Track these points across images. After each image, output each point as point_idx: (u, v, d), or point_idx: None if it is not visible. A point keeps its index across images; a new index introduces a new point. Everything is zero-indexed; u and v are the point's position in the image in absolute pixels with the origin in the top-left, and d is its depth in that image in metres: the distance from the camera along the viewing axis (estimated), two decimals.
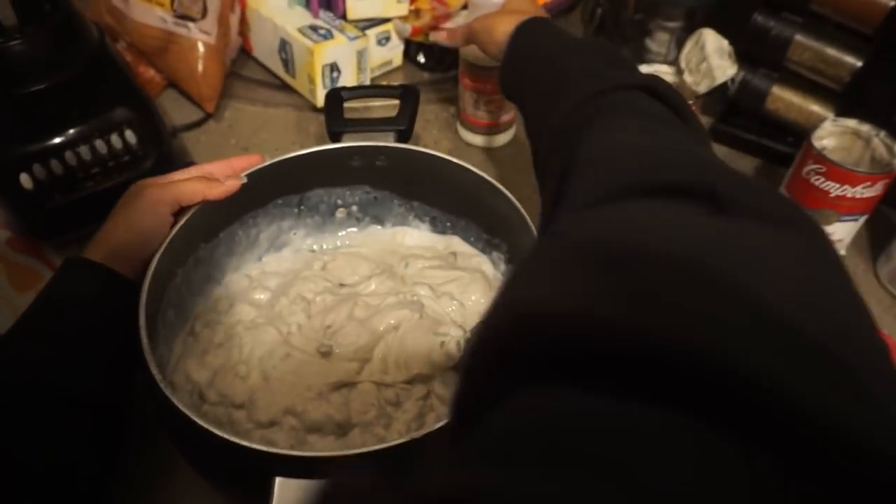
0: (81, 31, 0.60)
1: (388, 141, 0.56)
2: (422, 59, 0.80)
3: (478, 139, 0.72)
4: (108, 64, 0.61)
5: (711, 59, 0.61)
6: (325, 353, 0.49)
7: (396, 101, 0.58)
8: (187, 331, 0.52)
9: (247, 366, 0.48)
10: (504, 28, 0.51)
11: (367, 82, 0.76)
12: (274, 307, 0.53)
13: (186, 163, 0.67)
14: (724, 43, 0.62)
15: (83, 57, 0.59)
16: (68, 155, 0.57)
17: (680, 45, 0.70)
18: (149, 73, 0.75)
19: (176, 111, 0.76)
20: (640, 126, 0.34)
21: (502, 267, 0.57)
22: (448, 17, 0.79)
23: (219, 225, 0.54)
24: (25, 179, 0.56)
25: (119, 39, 0.73)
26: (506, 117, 0.70)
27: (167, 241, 0.47)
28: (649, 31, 0.77)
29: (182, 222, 0.48)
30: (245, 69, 0.81)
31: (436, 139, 0.73)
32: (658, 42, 0.77)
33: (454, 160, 0.53)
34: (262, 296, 0.55)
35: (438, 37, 0.74)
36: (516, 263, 0.28)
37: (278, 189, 0.56)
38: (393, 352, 0.49)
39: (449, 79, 0.80)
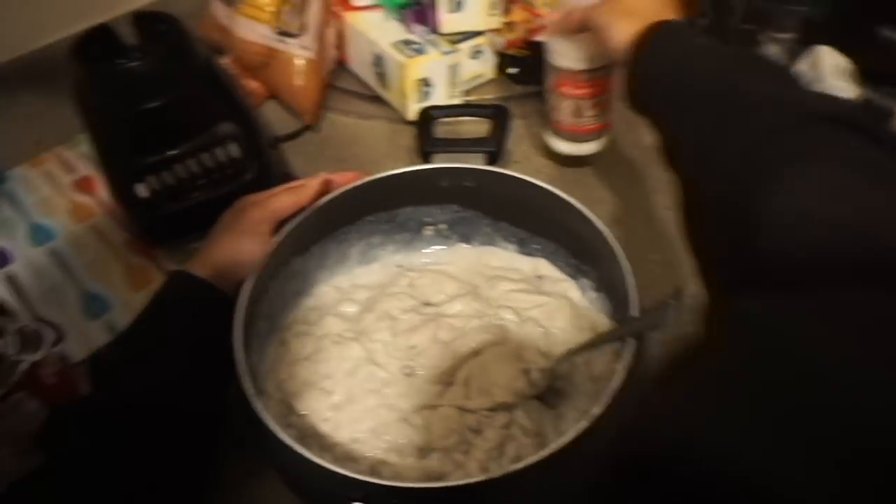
0: (192, 49, 0.64)
1: (478, 160, 0.56)
2: (514, 71, 0.79)
3: (575, 147, 0.69)
4: (216, 80, 0.65)
5: (828, 80, 0.57)
6: (409, 374, 0.50)
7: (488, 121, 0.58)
8: (279, 341, 0.54)
9: (332, 381, 0.49)
10: (624, 30, 0.47)
11: (459, 95, 0.76)
12: (360, 322, 0.54)
13: (283, 173, 0.70)
14: (843, 61, 0.58)
15: (193, 74, 0.63)
16: (178, 167, 0.61)
17: (793, 60, 0.66)
18: (252, 84, 0.78)
19: (277, 122, 0.79)
20: (849, 181, 0.28)
21: (590, 294, 0.55)
22: (544, 28, 0.78)
23: (312, 239, 0.56)
24: (141, 189, 0.60)
25: (225, 54, 0.77)
26: (606, 121, 0.68)
27: (264, 259, 0.49)
28: (758, 42, 0.73)
29: (279, 239, 0.50)
30: (341, 81, 0.83)
31: (526, 154, 0.72)
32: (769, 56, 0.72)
33: (541, 184, 0.52)
34: (350, 309, 0.56)
35: (546, 33, 0.72)
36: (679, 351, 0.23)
37: (369, 206, 0.58)
38: (475, 377, 0.49)
39: (542, 91, 0.79)
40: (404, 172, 0.55)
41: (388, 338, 0.52)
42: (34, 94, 0.72)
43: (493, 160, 0.56)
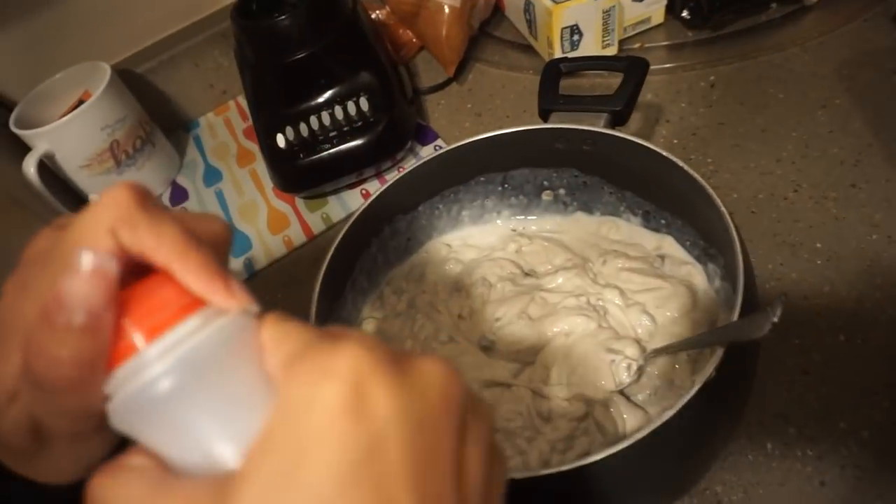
0: (338, 2, 0.65)
1: (601, 121, 0.50)
2: (686, 15, 0.69)
3: None
4: (357, 32, 0.66)
5: None
6: (486, 348, 0.47)
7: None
8: (377, 294, 0.54)
9: (413, 341, 0.49)
10: None
11: (615, 45, 0.68)
12: (456, 285, 0.53)
13: (417, 125, 0.69)
14: None
15: (337, 26, 0.64)
16: (312, 119, 0.64)
17: None
18: (406, 35, 0.78)
19: (426, 73, 0.78)
20: None
21: (717, 283, 0.47)
22: None
23: (419, 198, 0.55)
24: (280, 139, 0.65)
25: (383, 5, 0.78)
26: None
27: (355, 216, 0.49)
28: None
29: (374, 197, 0.50)
30: (498, 29, 0.79)
31: (682, 113, 0.63)
32: None
33: (661, 151, 0.44)
34: (453, 269, 0.55)
35: None
36: None
37: (481, 166, 0.55)
38: (557, 361, 0.45)
39: (719, 38, 0.68)
40: (515, 132, 0.51)
41: (479, 305, 0.50)
42: (223, 48, 0.80)
43: (617, 121, 0.50)
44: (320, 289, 0.45)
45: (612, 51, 0.69)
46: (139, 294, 0.21)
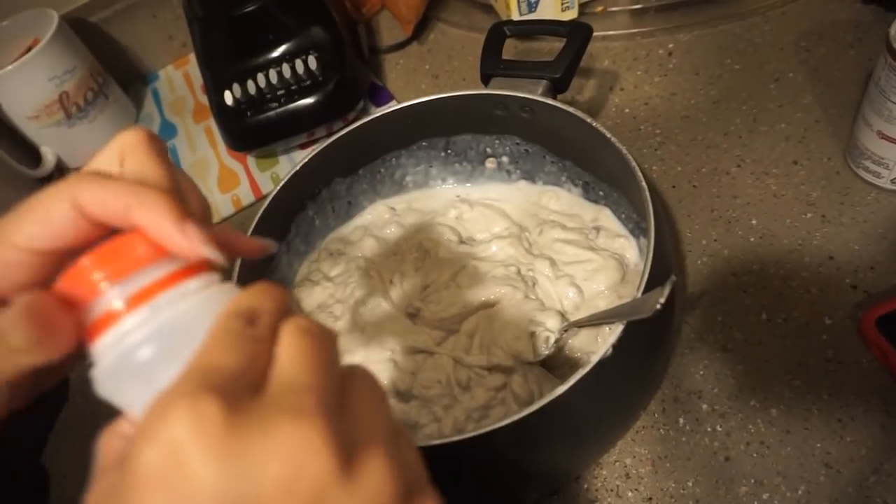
0: None
1: (540, 88, 0.49)
2: None
3: None
4: None
5: None
6: (412, 314, 0.47)
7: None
8: (314, 257, 0.54)
9: (343, 307, 0.49)
10: None
11: (575, 7, 0.66)
12: (393, 250, 0.53)
13: (372, 85, 0.68)
14: None
15: None
16: (260, 76, 0.62)
17: None
18: None
19: (388, 31, 0.77)
20: None
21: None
22: None
23: (358, 161, 0.54)
24: (228, 96, 0.63)
25: None
26: None
27: (284, 180, 0.48)
28: None
29: (305, 160, 0.49)
30: None
31: (637, 81, 0.62)
32: None
33: (594, 125, 0.44)
34: (393, 233, 0.54)
35: None
36: None
37: (424, 130, 0.54)
38: (480, 330, 0.45)
39: (681, 4, 0.66)
40: (453, 96, 0.50)
41: (411, 271, 0.50)
42: None
43: (557, 88, 0.48)
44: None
45: (572, 13, 0.67)
46: (108, 243, 0.21)
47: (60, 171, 0.75)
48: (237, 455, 0.16)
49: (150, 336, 0.19)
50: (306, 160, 0.49)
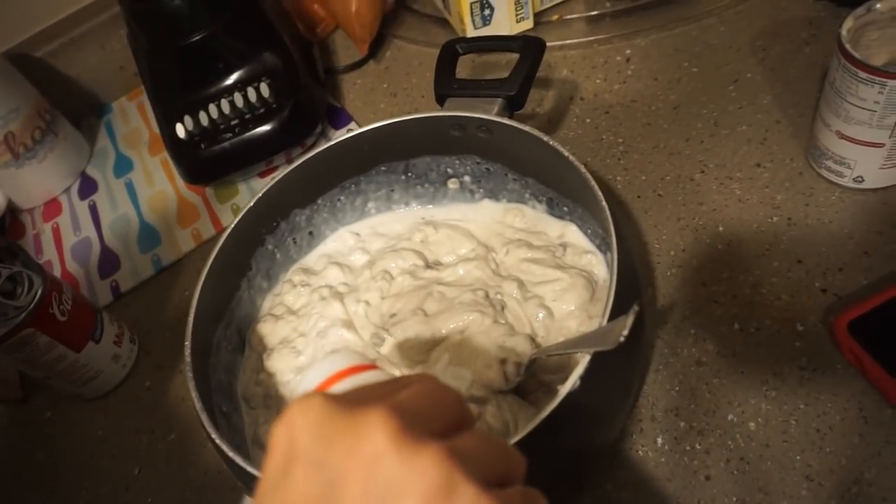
0: None
1: (495, 106, 0.48)
2: None
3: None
4: (257, 11, 0.62)
5: None
6: (377, 345, 0.46)
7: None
8: (277, 290, 0.53)
9: (304, 340, 0.47)
10: None
11: (530, 18, 0.65)
12: (358, 277, 0.51)
13: (329, 107, 0.66)
14: None
15: (234, 4, 0.61)
16: (212, 107, 0.61)
17: None
18: (319, 12, 0.75)
19: (344, 50, 0.75)
20: None
21: None
22: None
23: (316, 190, 0.53)
24: (180, 129, 0.61)
25: None
26: None
27: (239, 217, 0.47)
28: None
29: (260, 194, 0.48)
30: (417, 3, 0.76)
31: (597, 90, 0.61)
32: None
33: (550, 142, 0.43)
34: (359, 259, 0.53)
35: None
36: None
37: (381, 155, 0.53)
38: (450, 360, 0.44)
39: (637, 9, 0.65)
40: (409, 119, 0.49)
41: (376, 300, 0.49)
42: None
43: (513, 106, 0.48)
44: (202, 287, 0.43)
45: (527, 24, 0.66)
46: None
47: (12, 212, 0.72)
48: None
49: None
50: (261, 194, 0.48)
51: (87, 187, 0.72)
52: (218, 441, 0.36)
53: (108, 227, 0.67)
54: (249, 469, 0.34)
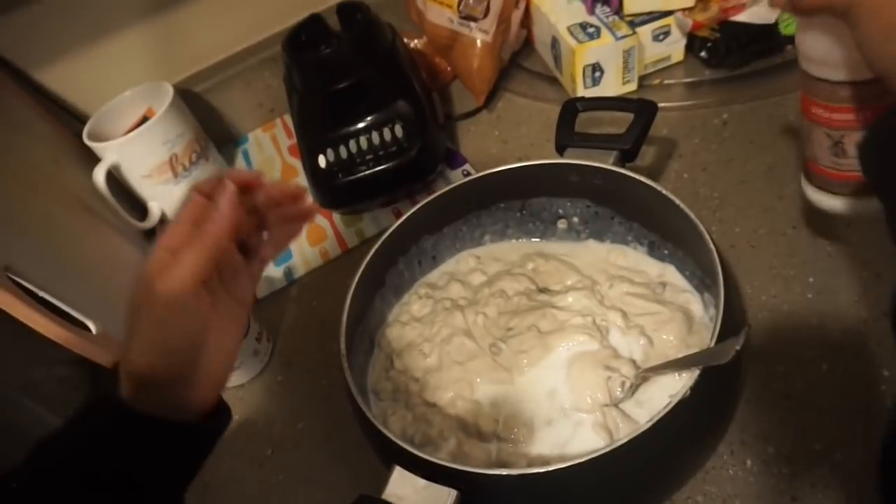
0: (379, 34, 0.71)
1: (612, 157, 0.54)
2: (704, 54, 0.73)
3: (826, 199, 0.48)
4: (395, 64, 0.72)
5: None
6: (496, 353, 0.52)
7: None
8: (405, 301, 0.60)
9: (430, 345, 0.54)
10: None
11: (635, 81, 0.73)
12: (477, 293, 0.58)
13: (446, 149, 0.74)
14: None
15: (377, 58, 0.70)
16: (352, 143, 0.70)
17: None
18: (442, 63, 0.84)
19: (460, 99, 0.84)
20: None
21: (711, 311, 0.51)
22: (742, 7, 0.70)
23: (444, 220, 0.61)
24: (321, 160, 0.71)
25: (421, 35, 0.84)
26: None
27: (384, 237, 0.55)
28: None
29: (399, 222, 0.56)
30: (528, 61, 0.84)
31: (695, 149, 0.67)
32: None
33: (663, 192, 0.49)
34: (477, 279, 0.60)
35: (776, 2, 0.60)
36: None
37: (502, 193, 0.60)
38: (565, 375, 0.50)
39: (735, 78, 0.72)
40: (534, 164, 0.57)
41: (494, 314, 0.55)
42: (272, 70, 0.87)
43: (626, 158, 0.54)
44: (352, 297, 0.51)
45: (631, 87, 0.73)
46: None
47: (163, 223, 0.83)
48: None
49: None
50: (404, 219, 0.56)
51: None
52: (371, 418, 0.43)
53: None
54: (396, 440, 0.41)
